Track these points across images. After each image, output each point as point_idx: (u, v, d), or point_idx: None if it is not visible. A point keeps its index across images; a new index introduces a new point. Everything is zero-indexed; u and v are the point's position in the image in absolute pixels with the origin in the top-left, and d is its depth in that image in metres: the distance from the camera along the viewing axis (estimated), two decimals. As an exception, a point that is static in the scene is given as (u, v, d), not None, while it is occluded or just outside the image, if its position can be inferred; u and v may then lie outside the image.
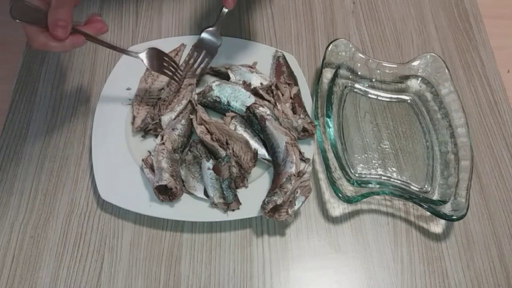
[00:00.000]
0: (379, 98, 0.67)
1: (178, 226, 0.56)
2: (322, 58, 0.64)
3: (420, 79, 0.66)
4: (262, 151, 0.59)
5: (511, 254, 0.57)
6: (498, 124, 0.67)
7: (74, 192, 0.58)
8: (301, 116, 0.60)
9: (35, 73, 0.66)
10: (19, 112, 0.63)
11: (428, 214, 0.58)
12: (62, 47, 0.47)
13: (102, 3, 0.73)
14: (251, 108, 0.60)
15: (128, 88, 0.63)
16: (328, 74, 0.64)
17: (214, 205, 0.55)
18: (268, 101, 0.61)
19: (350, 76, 0.67)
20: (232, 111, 0.61)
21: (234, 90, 0.61)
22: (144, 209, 0.55)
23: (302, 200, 0.54)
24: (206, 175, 0.55)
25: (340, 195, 0.54)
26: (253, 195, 0.56)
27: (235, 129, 0.60)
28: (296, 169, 0.55)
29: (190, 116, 0.61)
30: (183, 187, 0.56)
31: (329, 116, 0.60)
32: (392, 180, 0.60)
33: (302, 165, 0.56)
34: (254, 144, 0.59)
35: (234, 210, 0.55)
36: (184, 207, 0.55)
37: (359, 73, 0.67)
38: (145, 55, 0.56)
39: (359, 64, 0.66)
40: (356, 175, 0.60)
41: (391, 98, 0.67)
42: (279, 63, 0.65)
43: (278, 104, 0.61)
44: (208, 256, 0.55)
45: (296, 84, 0.64)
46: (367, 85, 0.67)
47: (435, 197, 0.58)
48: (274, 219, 0.53)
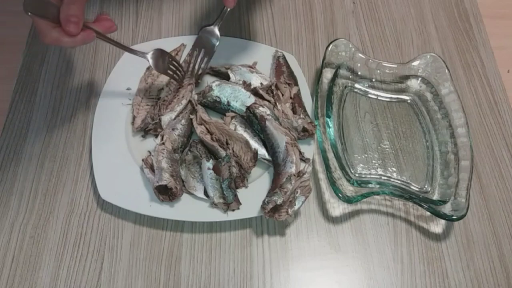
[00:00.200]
0: (379, 98, 0.67)
1: (178, 226, 0.56)
2: (322, 58, 0.64)
3: (420, 79, 0.66)
4: (262, 151, 0.59)
5: (511, 254, 0.57)
6: (498, 124, 0.67)
7: (74, 192, 0.58)
8: (301, 116, 0.60)
9: (35, 73, 0.66)
10: (19, 112, 0.63)
11: (428, 214, 0.58)
12: (73, 43, 0.48)
13: (102, 3, 0.73)
14: (251, 108, 0.60)
15: (128, 88, 0.63)
16: (328, 74, 0.64)
17: (214, 205, 0.55)
18: (268, 101, 0.61)
19: (350, 76, 0.67)
20: (232, 111, 0.61)
21: (234, 90, 0.61)
22: (144, 209, 0.55)
23: (302, 200, 0.54)
24: (206, 175, 0.55)
25: (340, 195, 0.54)
26: (253, 195, 0.56)
27: (235, 129, 0.60)
28: (296, 169, 0.55)
29: (190, 116, 0.61)
30: (183, 187, 0.56)
31: (329, 116, 0.60)
32: (392, 180, 0.60)
33: (302, 165, 0.56)
34: (254, 144, 0.59)
35: (234, 210, 0.55)
36: (184, 207, 0.55)
37: (359, 73, 0.67)
38: (151, 55, 0.57)
39: (359, 64, 0.66)
40: (356, 175, 0.60)
41: (391, 98, 0.67)
42: (279, 63, 0.65)
43: (278, 104, 0.61)
44: (208, 256, 0.55)
45: (296, 84, 0.64)
46: (367, 85, 0.67)
47: (435, 197, 0.58)
48: (274, 219, 0.53)
